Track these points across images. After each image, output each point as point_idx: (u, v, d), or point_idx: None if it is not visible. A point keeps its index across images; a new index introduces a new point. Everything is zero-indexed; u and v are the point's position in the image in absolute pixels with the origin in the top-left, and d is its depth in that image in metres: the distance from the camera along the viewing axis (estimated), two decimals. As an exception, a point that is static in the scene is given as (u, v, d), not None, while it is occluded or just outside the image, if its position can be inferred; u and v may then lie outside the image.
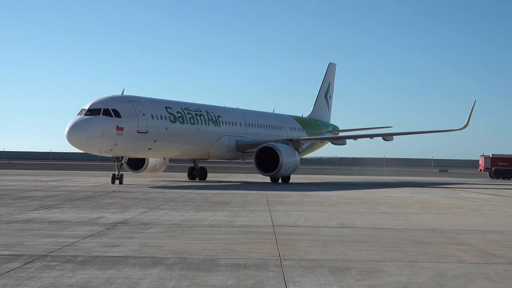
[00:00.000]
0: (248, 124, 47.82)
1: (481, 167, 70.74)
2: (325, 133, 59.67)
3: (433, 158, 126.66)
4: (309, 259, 10.70)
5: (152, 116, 37.17)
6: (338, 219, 17.67)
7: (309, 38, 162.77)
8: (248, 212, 19.48)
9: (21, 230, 14.05)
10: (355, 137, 50.06)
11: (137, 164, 42.70)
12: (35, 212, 18.29)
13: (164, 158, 43.98)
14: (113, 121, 34.56)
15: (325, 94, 64.46)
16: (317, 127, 59.42)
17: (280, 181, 42.95)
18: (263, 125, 49.98)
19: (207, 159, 45.60)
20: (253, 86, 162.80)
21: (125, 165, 39.72)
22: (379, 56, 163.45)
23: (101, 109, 34.58)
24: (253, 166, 41.62)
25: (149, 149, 37.20)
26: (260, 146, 41.75)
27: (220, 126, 44.16)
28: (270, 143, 41.99)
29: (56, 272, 9.20)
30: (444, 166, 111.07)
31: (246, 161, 48.99)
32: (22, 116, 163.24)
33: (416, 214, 19.80)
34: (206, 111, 43.38)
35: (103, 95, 36.23)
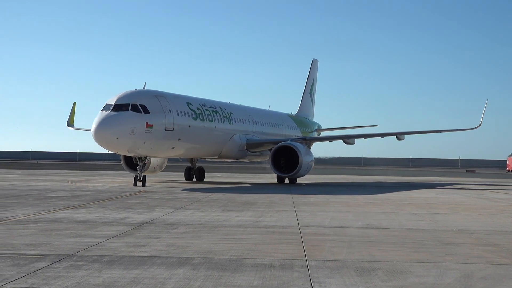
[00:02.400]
0: (255, 122, 46.04)
1: (509, 167, 70.07)
2: (314, 131, 58.25)
3: (460, 158, 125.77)
4: (335, 260, 10.67)
5: (177, 112, 35.06)
6: (364, 220, 17.59)
7: (292, 33, 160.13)
8: (273, 212, 19.46)
9: (48, 230, 14.15)
10: (365, 136, 48.11)
11: (134, 163, 38.59)
12: (62, 212, 18.43)
13: (165, 158, 40.67)
14: (143, 118, 32.19)
15: (310, 91, 62.90)
16: (308, 125, 57.94)
17: (287, 181, 41.25)
18: (267, 123, 48.51)
19: (216, 159, 43.43)
20: (233, 82, 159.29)
21: (123, 165, 38.80)
22: (361, 52, 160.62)
23: (129, 104, 32.06)
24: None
25: (172, 148, 35.01)
26: (278, 145, 39.57)
27: (232, 123, 42.22)
28: (288, 142, 39.97)
29: (82, 272, 9.25)
30: (471, 166, 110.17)
31: (252, 160, 47.56)
32: (48, 117, 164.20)
33: (443, 215, 19.67)
34: (220, 108, 41.38)
35: (118, 91, 34.02)
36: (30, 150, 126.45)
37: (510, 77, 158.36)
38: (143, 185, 32.74)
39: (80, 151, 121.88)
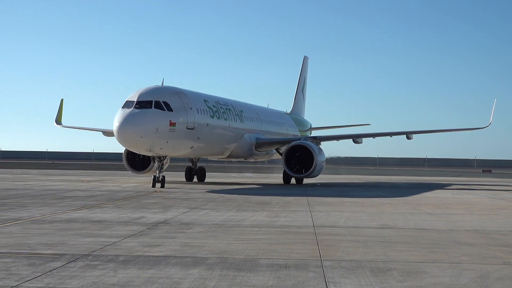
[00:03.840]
0: (262, 120, 44.72)
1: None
2: (308, 130, 56.79)
3: (476, 158, 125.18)
4: (350, 260, 10.65)
5: (197, 110, 33.76)
6: (379, 220, 17.55)
7: (283, 29, 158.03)
8: (288, 212, 19.45)
9: (64, 229, 14.21)
10: (373, 135, 46.56)
11: (137, 164, 37.88)
12: (77, 211, 18.50)
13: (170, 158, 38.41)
14: (167, 116, 30.86)
15: (302, 89, 61.29)
16: (303, 124, 56.58)
17: (293, 182, 40.35)
18: (272, 121, 47.32)
19: (223, 159, 41.90)
20: (224, 79, 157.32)
21: (125, 165, 37.83)
22: (353, 49, 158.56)
23: (152, 101, 30.70)
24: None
25: (191, 147, 33.66)
26: (291, 144, 38.22)
27: (244, 122, 40.84)
28: (301, 141, 38.74)
29: (98, 271, 9.28)
30: (487, 166, 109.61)
31: (258, 160, 46.38)
32: (64, 118, 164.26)
33: (459, 215, 19.58)
34: (232, 106, 40.12)
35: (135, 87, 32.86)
36: (46, 150, 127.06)
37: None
38: (162, 186, 31.57)
39: (95, 151, 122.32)
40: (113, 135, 44.14)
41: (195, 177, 42.05)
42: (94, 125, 49.25)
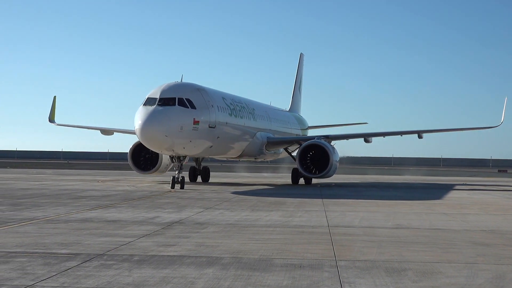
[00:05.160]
0: (271, 119, 43.39)
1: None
2: (307, 129, 55.09)
3: (492, 158, 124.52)
4: (365, 260, 10.62)
5: (218, 108, 32.54)
6: (394, 220, 17.50)
7: (279, 26, 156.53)
8: (303, 212, 19.43)
9: (79, 229, 14.26)
10: (384, 134, 45.48)
11: (141, 163, 36.88)
12: (92, 211, 18.56)
13: None
14: (191, 114, 29.62)
15: (299, 87, 59.50)
16: (303, 122, 54.90)
17: (301, 182, 39.32)
18: (279, 120, 46.02)
19: (234, 159, 40.57)
20: (221, 75, 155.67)
21: (131, 165, 36.72)
22: (349, 49, 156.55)
23: (175, 98, 29.38)
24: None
25: (211, 147, 32.30)
26: (306, 144, 36.73)
27: (256, 120, 39.49)
28: (315, 140, 37.36)
29: (113, 271, 9.30)
30: (503, 166, 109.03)
31: (266, 159, 44.92)
32: (79, 118, 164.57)
33: (474, 215, 19.50)
34: (245, 104, 38.79)
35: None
36: (61, 150, 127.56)
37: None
38: (182, 187, 30.21)
39: (110, 151, 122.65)
40: (111, 134, 43.50)
41: (199, 177, 40.65)
42: (88, 124, 48.60)
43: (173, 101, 29.29)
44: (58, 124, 47.46)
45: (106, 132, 44.19)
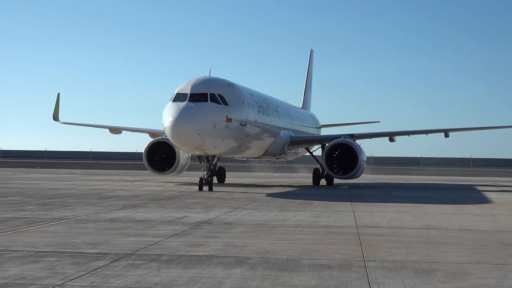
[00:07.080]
0: (292, 117, 41.83)
1: None
2: (320, 127, 52.99)
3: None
4: (393, 260, 10.56)
5: (248, 104, 31.07)
6: (423, 220, 17.38)
7: (289, 23, 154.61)
8: (331, 212, 19.38)
9: (108, 229, 14.34)
10: (408, 133, 43.72)
11: (155, 164, 35.82)
12: (121, 211, 18.66)
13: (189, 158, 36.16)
14: (223, 110, 28.09)
15: (310, 84, 57.84)
16: (317, 121, 52.99)
17: (323, 183, 38.13)
18: (298, 118, 44.35)
19: (255, 158, 38.65)
20: (229, 72, 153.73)
21: (146, 165, 35.51)
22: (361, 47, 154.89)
23: (207, 94, 27.78)
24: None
25: (240, 146, 30.82)
26: (332, 143, 35.12)
27: (280, 118, 37.92)
28: (342, 139, 35.75)
29: (141, 271, 9.34)
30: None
31: (287, 159, 43.20)
32: (106, 119, 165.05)
33: (504, 215, 19.31)
34: (269, 101, 37.25)
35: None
36: (90, 150, 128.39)
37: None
38: (210, 189, 28.60)
39: (138, 151, 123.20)
40: (120, 133, 42.59)
41: (215, 178, 37.27)
42: (92, 122, 47.91)
43: (204, 96, 27.74)
44: (63, 123, 46.51)
45: (115, 130, 43.62)
